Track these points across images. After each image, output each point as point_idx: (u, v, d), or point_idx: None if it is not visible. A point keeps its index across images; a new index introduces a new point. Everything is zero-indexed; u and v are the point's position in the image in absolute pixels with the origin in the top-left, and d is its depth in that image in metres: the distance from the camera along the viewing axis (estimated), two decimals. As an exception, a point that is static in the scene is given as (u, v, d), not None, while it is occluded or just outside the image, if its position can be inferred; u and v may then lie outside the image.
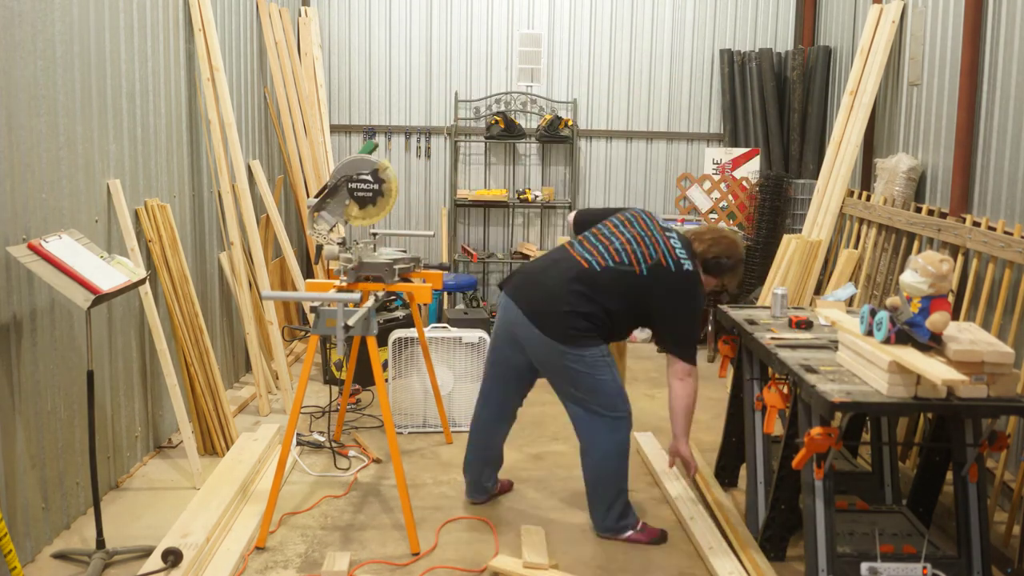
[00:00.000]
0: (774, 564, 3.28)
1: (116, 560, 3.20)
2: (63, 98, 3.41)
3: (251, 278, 5.10)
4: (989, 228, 3.85)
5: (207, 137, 4.80)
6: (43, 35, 3.27)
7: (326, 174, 6.34)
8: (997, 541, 3.40)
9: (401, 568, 3.27)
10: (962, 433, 2.92)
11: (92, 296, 2.98)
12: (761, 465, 3.53)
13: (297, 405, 3.47)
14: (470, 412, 4.72)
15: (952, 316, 2.78)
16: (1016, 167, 3.80)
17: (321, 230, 3.94)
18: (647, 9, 6.93)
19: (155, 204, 4.15)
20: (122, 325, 3.91)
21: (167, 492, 3.84)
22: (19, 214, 3.11)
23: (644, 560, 3.37)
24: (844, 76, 5.87)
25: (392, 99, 7.03)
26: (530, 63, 6.99)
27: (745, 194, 6.59)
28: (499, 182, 7.10)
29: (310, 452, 4.35)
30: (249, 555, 3.32)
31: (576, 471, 4.21)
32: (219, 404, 4.31)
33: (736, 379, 3.91)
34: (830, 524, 2.85)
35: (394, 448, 3.47)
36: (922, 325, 2.70)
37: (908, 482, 3.51)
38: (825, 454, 2.81)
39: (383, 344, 4.85)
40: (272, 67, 5.92)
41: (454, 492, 3.95)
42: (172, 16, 4.42)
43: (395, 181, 3.96)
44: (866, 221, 5.10)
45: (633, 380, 5.74)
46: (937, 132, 4.58)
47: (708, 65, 6.98)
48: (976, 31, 4.12)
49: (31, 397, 3.21)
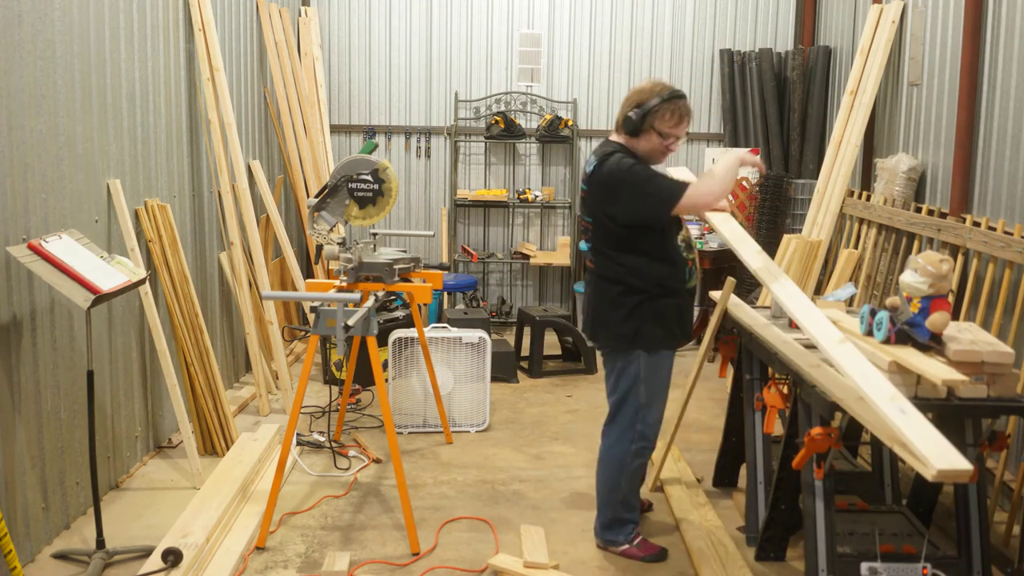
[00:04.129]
0: (774, 564, 3.28)
1: (116, 560, 3.20)
2: (63, 98, 3.41)
3: (251, 278, 5.10)
4: (989, 228, 3.85)
5: (207, 137, 4.80)
6: (43, 35, 3.27)
7: (326, 174, 6.34)
8: (997, 541, 3.40)
9: (401, 568, 3.27)
10: (962, 433, 2.92)
11: (92, 296, 2.98)
12: (761, 465, 3.53)
13: (297, 405, 3.47)
14: (470, 412, 4.73)
15: (952, 316, 2.78)
16: (1016, 167, 3.80)
17: (321, 230, 3.94)
18: (647, 9, 6.93)
19: (155, 204, 4.15)
20: (122, 325, 3.91)
21: (167, 492, 3.84)
22: (19, 214, 3.11)
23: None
24: (844, 76, 5.87)
25: (392, 99, 7.03)
26: (530, 63, 6.99)
27: (745, 194, 6.59)
28: (499, 182, 7.10)
29: (310, 452, 4.35)
30: (249, 555, 3.32)
31: (576, 471, 4.22)
32: (219, 404, 4.31)
33: (736, 379, 3.91)
34: (830, 524, 2.84)
35: (394, 448, 3.47)
36: (922, 325, 2.70)
37: (908, 482, 3.51)
38: (825, 454, 2.81)
39: (383, 344, 4.85)
40: (272, 67, 5.92)
41: (454, 492, 3.95)
42: (172, 16, 4.42)
43: (395, 181, 3.96)
44: (866, 221, 5.10)
45: (633, 380, 5.74)
46: (937, 132, 4.58)
47: (708, 65, 6.98)
48: (976, 31, 4.12)
49: (31, 397, 3.21)
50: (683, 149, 7.06)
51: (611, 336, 3.30)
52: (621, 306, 3.25)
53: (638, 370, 3.27)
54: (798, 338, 3.35)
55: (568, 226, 7.06)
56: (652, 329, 3.24)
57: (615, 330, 3.27)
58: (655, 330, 3.25)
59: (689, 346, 6.53)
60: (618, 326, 3.26)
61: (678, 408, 3.98)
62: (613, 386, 3.37)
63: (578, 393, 5.46)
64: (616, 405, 3.36)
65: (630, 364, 3.28)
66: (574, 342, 5.92)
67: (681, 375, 5.86)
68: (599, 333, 3.35)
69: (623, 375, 3.30)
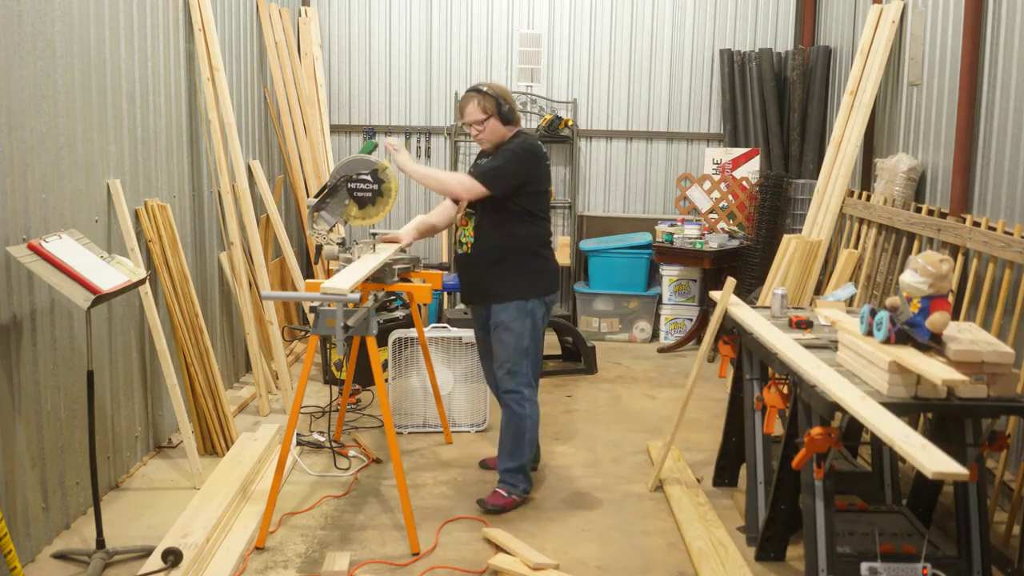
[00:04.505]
0: (774, 564, 3.29)
1: (116, 560, 3.20)
2: (63, 98, 3.41)
3: (251, 278, 5.10)
4: (989, 228, 3.85)
5: (207, 137, 4.80)
6: (43, 35, 3.27)
7: (326, 174, 6.34)
8: (997, 541, 3.40)
9: (401, 568, 3.27)
10: (962, 433, 2.92)
11: (92, 296, 2.98)
12: (761, 465, 3.53)
13: (297, 405, 3.47)
14: (470, 412, 4.73)
15: (952, 316, 2.78)
16: (1016, 167, 3.80)
17: (321, 230, 3.94)
18: (647, 9, 6.93)
19: (155, 204, 4.15)
20: (122, 325, 3.91)
21: (167, 492, 3.84)
22: (19, 214, 3.11)
23: (644, 560, 3.37)
24: (844, 76, 5.87)
25: (392, 99, 7.03)
26: (530, 63, 6.99)
27: (745, 194, 6.59)
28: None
29: (310, 452, 4.35)
30: (249, 555, 3.32)
31: (576, 471, 4.22)
32: (219, 404, 4.31)
33: (736, 379, 3.91)
34: (830, 524, 2.84)
35: (394, 448, 3.47)
36: (922, 325, 2.70)
37: (908, 482, 3.51)
38: (825, 454, 2.81)
39: (383, 344, 4.84)
40: (272, 67, 5.92)
41: (454, 492, 3.95)
42: (172, 16, 4.42)
43: (395, 181, 3.96)
44: (866, 221, 5.10)
45: (633, 380, 5.74)
46: (937, 132, 4.58)
47: (708, 65, 6.98)
48: (976, 31, 4.12)
49: (31, 397, 3.21)
50: (683, 149, 7.06)
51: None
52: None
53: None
54: (798, 338, 3.35)
55: (568, 226, 7.06)
56: None
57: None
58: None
59: (689, 346, 6.54)
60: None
61: (678, 408, 3.98)
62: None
63: (578, 393, 5.46)
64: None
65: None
66: (574, 342, 5.92)
67: (681, 375, 5.89)
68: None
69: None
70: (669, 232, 6.46)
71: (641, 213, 7.10)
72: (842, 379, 2.83)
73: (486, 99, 3.68)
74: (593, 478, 4.14)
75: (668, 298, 6.64)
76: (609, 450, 4.50)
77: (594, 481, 4.10)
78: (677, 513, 3.70)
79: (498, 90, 3.73)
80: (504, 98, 3.71)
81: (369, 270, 3.66)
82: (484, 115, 3.68)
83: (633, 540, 3.54)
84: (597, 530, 3.62)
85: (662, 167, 7.09)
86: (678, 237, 6.38)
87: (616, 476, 4.17)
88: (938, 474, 2.17)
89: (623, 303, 6.70)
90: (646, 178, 7.11)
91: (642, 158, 7.09)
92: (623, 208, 7.14)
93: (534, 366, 3.82)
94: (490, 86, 3.75)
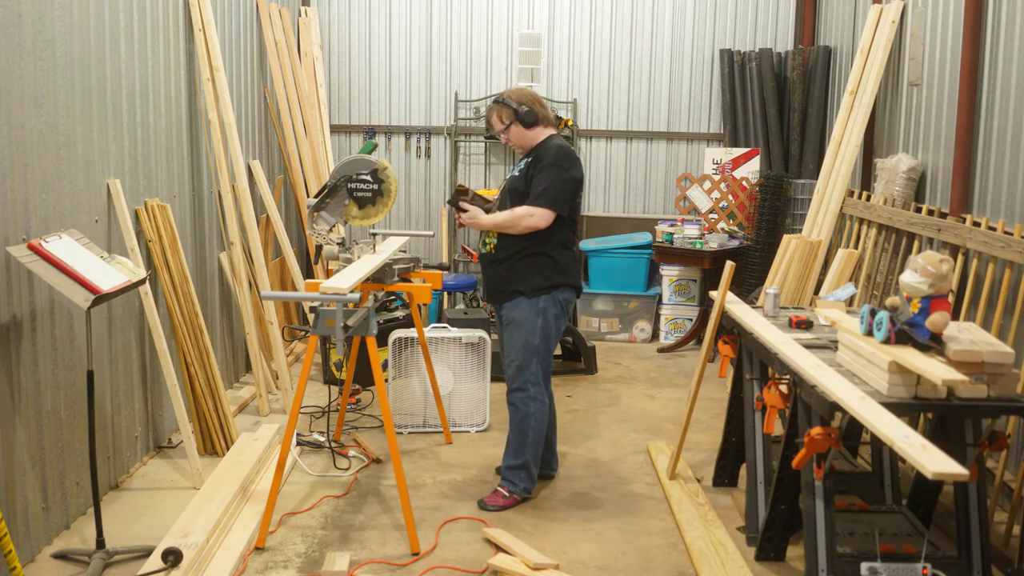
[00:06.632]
0: (774, 564, 3.28)
1: (116, 560, 3.20)
2: (63, 98, 3.41)
3: (251, 278, 5.10)
4: (989, 228, 3.85)
5: (207, 137, 4.80)
6: (43, 35, 3.27)
7: (326, 174, 6.34)
8: (997, 541, 3.40)
9: (401, 568, 3.27)
10: (962, 433, 2.92)
11: (92, 296, 2.98)
12: (761, 465, 3.53)
13: (297, 405, 3.47)
14: (470, 412, 4.73)
15: (952, 316, 2.78)
16: (1016, 167, 3.80)
17: (321, 230, 3.94)
18: (647, 9, 6.93)
19: (155, 204, 4.15)
20: (122, 325, 3.91)
21: (167, 492, 3.85)
22: (19, 214, 3.11)
23: (644, 560, 3.38)
24: (844, 76, 5.87)
25: (392, 99, 7.04)
26: (530, 63, 6.99)
27: (745, 194, 6.59)
28: (499, 182, 7.09)
29: (310, 452, 4.35)
30: (249, 555, 3.32)
31: (576, 471, 4.22)
32: (219, 404, 4.31)
33: (736, 379, 3.91)
34: (830, 524, 2.85)
35: (394, 448, 3.47)
36: (922, 325, 2.70)
37: (908, 482, 3.51)
38: (825, 454, 2.81)
39: (383, 344, 4.85)
40: (272, 67, 5.92)
41: (454, 492, 3.95)
42: (172, 16, 4.42)
43: (395, 181, 3.96)
44: (866, 221, 5.10)
45: (633, 380, 5.74)
46: (937, 132, 4.58)
47: (708, 65, 6.98)
48: (976, 31, 4.12)
49: (31, 397, 3.21)
50: (683, 149, 7.06)
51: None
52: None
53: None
54: (798, 338, 3.35)
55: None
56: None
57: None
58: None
59: (689, 346, 6.54)
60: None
61: (679, 408, 3.98)
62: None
63: (578, 393, 5.46)
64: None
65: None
66: (574, 342, 5.93)
67: (681, 375, 5.89)
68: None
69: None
70: (669, 232, 6.46)
71: (641, 213, 7.11)
72: (842, 379, 2.83)
73: (503, 109, 3.81)
74: (593, 478, 4.14)
75: (668, 298, 6.64)
76: (609, 450, 4.50)
77: (594, 481, 4.10)
78: (677, 513, 3.70)
79: (516, 96, 3.83)
80: (522, 102, 3.79)
81: (369, 270, 3.67)
82: (503, 124, 3.83)
83: (633, 540, 3.54)
84: (597, 530, 3.62)
85: (662, 167, 7.09)
86: (678, 237, 6.38)
87: (616, 476, 4.17)
88: (938, 474, 2.17)
89: (623, 303, 6.70)
90: (646, 178, 7.11)
91: (642, 158, 7.09)
92: (623, 208, 7.14)
93: (543, 365, 3.80)
94: (509, 93, 3.86)
